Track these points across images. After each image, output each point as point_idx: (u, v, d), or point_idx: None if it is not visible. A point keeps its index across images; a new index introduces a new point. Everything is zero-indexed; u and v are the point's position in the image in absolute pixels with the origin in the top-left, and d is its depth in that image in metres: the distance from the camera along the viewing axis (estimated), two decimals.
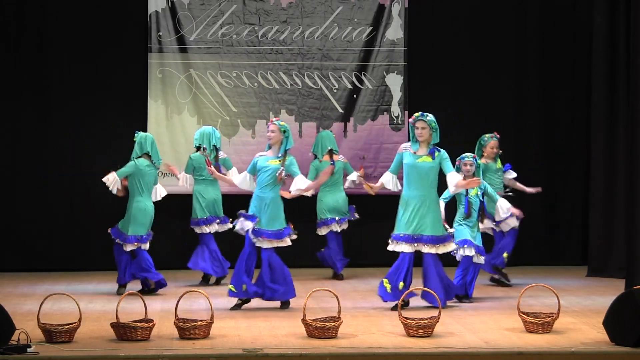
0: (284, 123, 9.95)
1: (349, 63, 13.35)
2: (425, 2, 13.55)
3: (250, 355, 7.60)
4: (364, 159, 13.16)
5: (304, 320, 8.24)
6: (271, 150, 9.93)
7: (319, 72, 13.32)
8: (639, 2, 11.12)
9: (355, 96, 13.39)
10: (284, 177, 9.81)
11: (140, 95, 13.07)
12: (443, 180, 9.92)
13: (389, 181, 10.04)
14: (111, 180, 10.83)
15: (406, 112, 13.23)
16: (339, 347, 7.85)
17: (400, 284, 9.70)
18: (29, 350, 7.53)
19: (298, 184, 9.84)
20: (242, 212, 9.88)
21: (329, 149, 12.29)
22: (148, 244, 10.89)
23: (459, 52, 13.53)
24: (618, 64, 12.49)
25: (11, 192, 12.92)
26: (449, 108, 13.18)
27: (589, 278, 12.46)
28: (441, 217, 9.96)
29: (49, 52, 12.97)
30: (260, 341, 8.09)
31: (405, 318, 8.36)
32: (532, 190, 11.91)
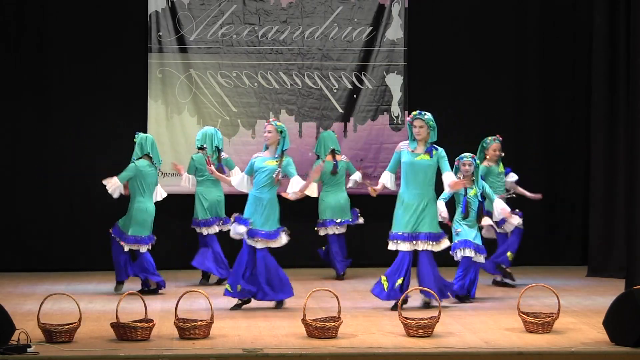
0: (280, 123, 9.94)
1: (349, 63, 13.35)
2: (425, 2, 13.55)
3: (250, 355, 7.60)
4: (362, 161, 13.12)
5: (304, 320, 8.24)
6: (268, 150, 9.93)
7: (319, 72, 13.31)
8: (639, 2, 11.12)
9: (355, 96, 13.38)
10: (280, 178, 9.82)
11: (140, 95, 13.06)
12: (441, 179, 9.95)
13: (388, 180, 10.05)
14: (112, 184, 10.81)
15: (406, 112, 13.21)
16: (339, 347, 7.86)
17: (399, 281, 9.71)
18: (29, 350, 7.53)
19: (294, 185, 9.83)
20: (236, 216, 9.92)
21: (332, 149, 12.29)
22: (147, 246, 10.86)
23: (459, 52, 13.52)
24: (618, 64, 12.49)
25: (11, 192, 12.91)
26: (449, 108, 13.19)
27: (589, 278, 12.46)
28: (437, 215, 9.98)
29: (49, 52, 12.97)
30: (260, 341, 8.09)
31: (405, 318, 8.36)
32: (533, 196, 11.88)
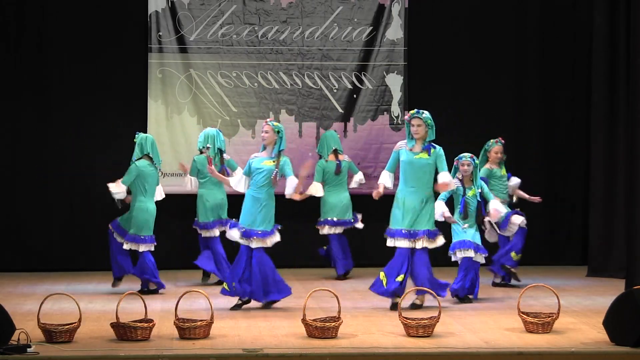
0: (277, 123, 9.96)
1: (349, 63, 13.35)
2: (425, 2, 13.55)
3: (250, 355, 7.60)
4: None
5: (304, 320, 8.24)
6: (265, 151, 9.94)
7: (319, 72, 13.31)
8: (639, 2, 11.12)
9: (355, 96, 13.38)
10: (279, 179, 9.82)
11: (140, 95, 13.06)
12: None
13: (387, 180, 10.05)
14: (116, 188, 10.81)
15: (406, 112, 13.20)
16: (339, 347, 7.86)
17: (400, 277, 9.71)
18: (29, 350, 7.53)
19: (289, 185, 9.84)
20: (231, 222, 9.96)
21: (334, 148, 12.30)
22: (147, 247, 10.84)
23: (459, 52, 13.52)
24: (618, 64, 12.49)
25: (11, 192, 12.91)
26: (449, 108, 13.20)
27: (589, 278, 12.46)
28: (434, 213, 9.97)
29: (49, 52, 12.96)
30: (260, 341, 8.09)
31: (405, 318, 8.36)
32: (532, 198, 11.85)
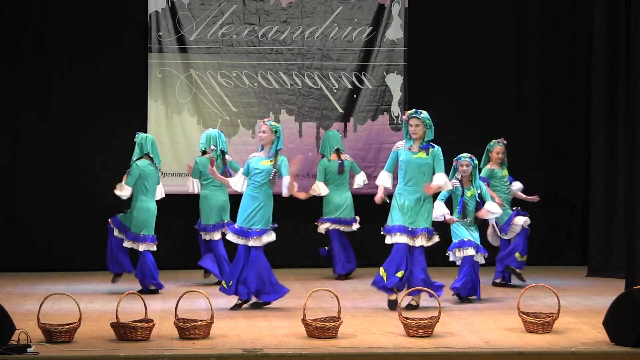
0: (275, 123, 9.96)
1: (349, 63, 13.34)
2: (425, 2, 13.54)
3: (250, 355, 7.60)
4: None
5: (304, 320, 8.24)
6: (263, 151, 9.94)
7: (319, 72, 13.31)
8: (639, 2, 11.12)
9: (355, 96, 13.37)
10: (277, 179, 9.82)
11: (140, 95, 13.06)
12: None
13: (387, 180, 10.05)
14: (122, 192, 10.84)
15: (405, 112, 13.22)
16: (339, 347, 7.86)
17: (400, 273, 9.72)
18: (29, 350, 7.53)
19: (283, 185, 9.83)
20: (232, 225, 9.96)
21: (336, 148, 12.30)
22: (147, 246, 10.84)
23: (459, 52, 13.52)
24: (618, 64, 12.48)
25: (11, 192, 12.90)
26: (449, 108, 13.20)
27: (589, 278, 12.45)
28: (432, 213, 9.98)
29: (49, 52, 12.96)
30: (260, 341, 8.09)
31: (405, 318, 8.36)
32: (530, 198, 11.85)
